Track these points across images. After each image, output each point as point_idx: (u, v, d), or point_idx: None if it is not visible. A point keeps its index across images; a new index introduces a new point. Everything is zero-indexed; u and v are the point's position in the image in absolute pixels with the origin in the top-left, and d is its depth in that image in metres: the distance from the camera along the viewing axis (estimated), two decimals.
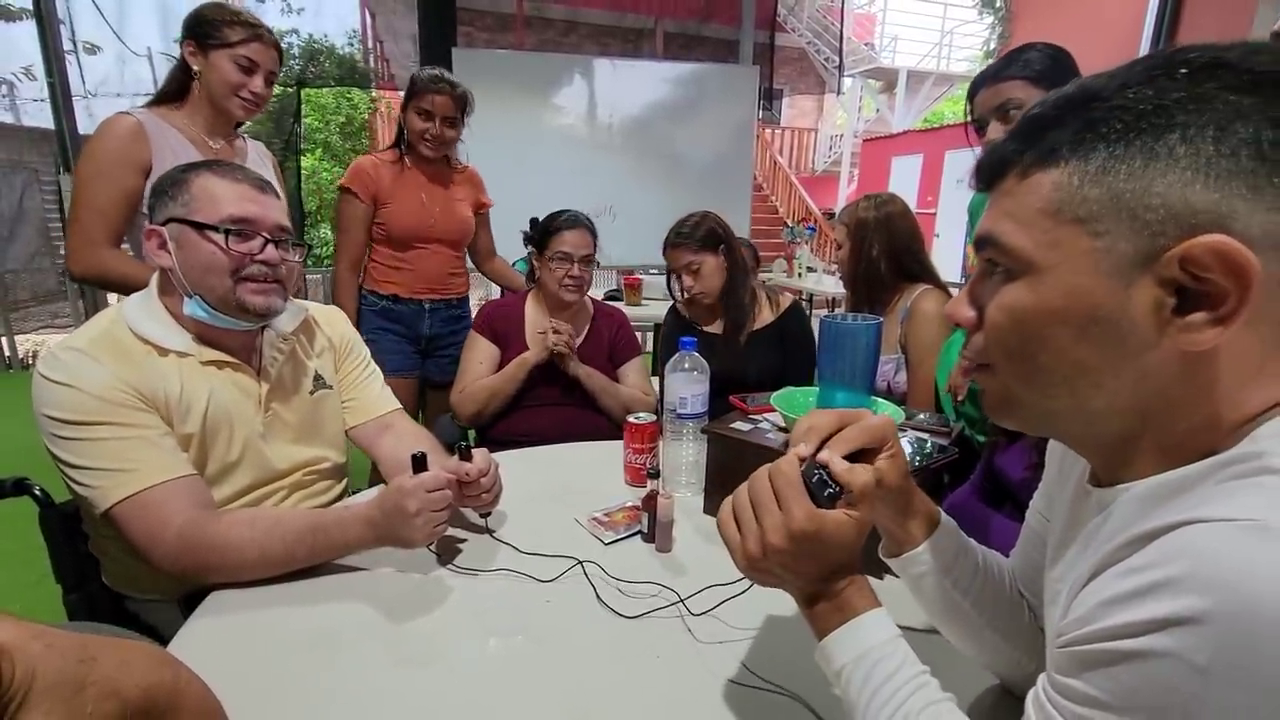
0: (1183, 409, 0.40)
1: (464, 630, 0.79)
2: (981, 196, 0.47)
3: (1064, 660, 0.38)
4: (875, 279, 1.57)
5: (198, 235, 0.90)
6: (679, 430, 1.15)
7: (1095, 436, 0.44)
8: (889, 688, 0.48)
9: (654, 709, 0.67)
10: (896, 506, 0.59)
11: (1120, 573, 0.36)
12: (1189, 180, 0.36)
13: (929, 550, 0.60)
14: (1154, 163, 0.36)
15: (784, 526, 0.49)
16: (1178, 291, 0.37)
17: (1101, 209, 0.38)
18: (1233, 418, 0.38)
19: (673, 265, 1.66)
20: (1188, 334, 0.37)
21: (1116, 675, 0.34)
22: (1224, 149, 0.35)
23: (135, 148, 1.32)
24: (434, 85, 1.78)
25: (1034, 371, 0.43)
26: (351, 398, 1.15)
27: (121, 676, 0.35)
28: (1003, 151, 0.44)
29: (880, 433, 0.55)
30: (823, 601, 0.52)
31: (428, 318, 1.95)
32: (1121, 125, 0.38)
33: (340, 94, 9.21)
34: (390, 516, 0.84)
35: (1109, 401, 0.41)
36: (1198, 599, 0.31)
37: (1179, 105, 0.36)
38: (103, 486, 0.83)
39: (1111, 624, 0.35)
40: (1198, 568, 0.32)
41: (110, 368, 0.86)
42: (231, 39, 1.37)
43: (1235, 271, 0.35)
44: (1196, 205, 0.36)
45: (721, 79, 4.41)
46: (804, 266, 4.43)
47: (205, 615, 0.81)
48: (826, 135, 11.98)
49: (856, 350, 0.97)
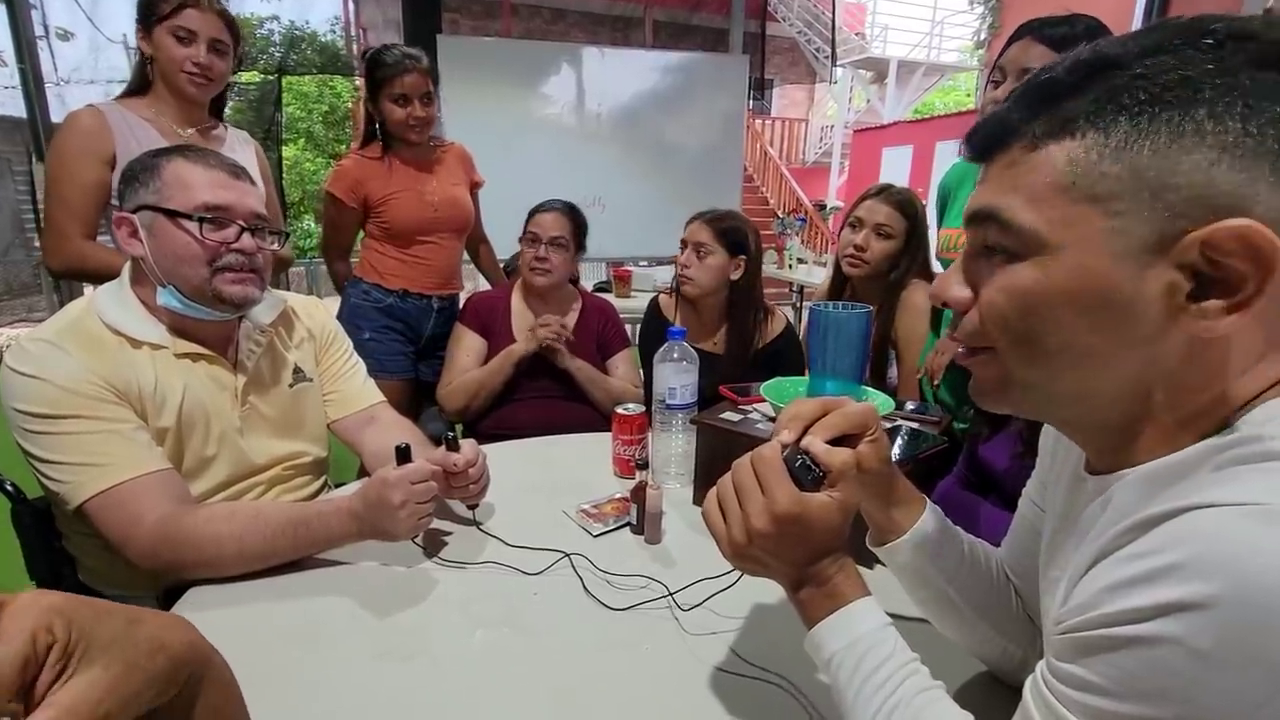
0: (1186, 394, 0.39)
1: (450, 624, 0.78)
2: (959, 172, 0.45)
3: (1064, 646, 0.37)
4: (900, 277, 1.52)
5: (170, 223, 0.87)
6: (668, 421, 1.14)
7: (1095, 421, 0.43)
8: (879, 675, 0.47)
9: (643, 700, 0.66)
10: (880, 493, 0.59)
11: (1123, 558, 0.35)
12: (1215, 160, 0.34)
13: (914, 538, 0.59)
14: (1180, 139, 0.34)
15: (767, 510, 0.49)
16: (1194, 276, 0.36)
17: (1121, 187, 0.36)
18: (1233, 402, 0.38)
19: (685, 237, 1.55)
20: (1200, 320, 0.36)
21: (1118, 661, 0.34)
22: (1251, 128, 0.33)
23: (97, 140, 1.29)
24: (402, 66, 1.64)
25: (1039, 355, 0.41)
26: (334, 390, 1.13)
27: (166, 635, 0.37)
28: (1006, 119, 0.41)
29: (862, 418, 0.55)
30: (810, 587, 0.51)
31: (434, 317, 1.86)
32: (1146, 96, 0.35)
33: (323, 82, 9.08)
34: (374, 509, 0.83)
35: (1114, 386, 0.40)
36: (1203, 584, 0.31)
37: (1207, 78, 0.34)
38: (74, 482, 0.81)
39: (1114, 610, 0.34)
40: (1202, 552, 0.32)
41: (80, 359, 0.83)
42: (165, 10, 1.32)
43: (1258, 258, 0.34)
44: (1221, 187, 0.34)
45: (711, 68, 4.37)
46: (794, 258, 4.41)
47: (184, 611, 0.79)
48: (817, 126, 11.96)
49: (846, 339, 0.96)
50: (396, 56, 1.67)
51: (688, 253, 1.54)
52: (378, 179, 1.74)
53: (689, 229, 1.56)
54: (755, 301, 1.58)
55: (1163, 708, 0.32)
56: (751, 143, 8.85)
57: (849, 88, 11.02)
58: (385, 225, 1.78)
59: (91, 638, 0.32)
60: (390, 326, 1.82)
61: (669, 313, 1.67)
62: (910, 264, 1.52)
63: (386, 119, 1.72)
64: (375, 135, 1.77)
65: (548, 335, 1.54)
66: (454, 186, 1.85)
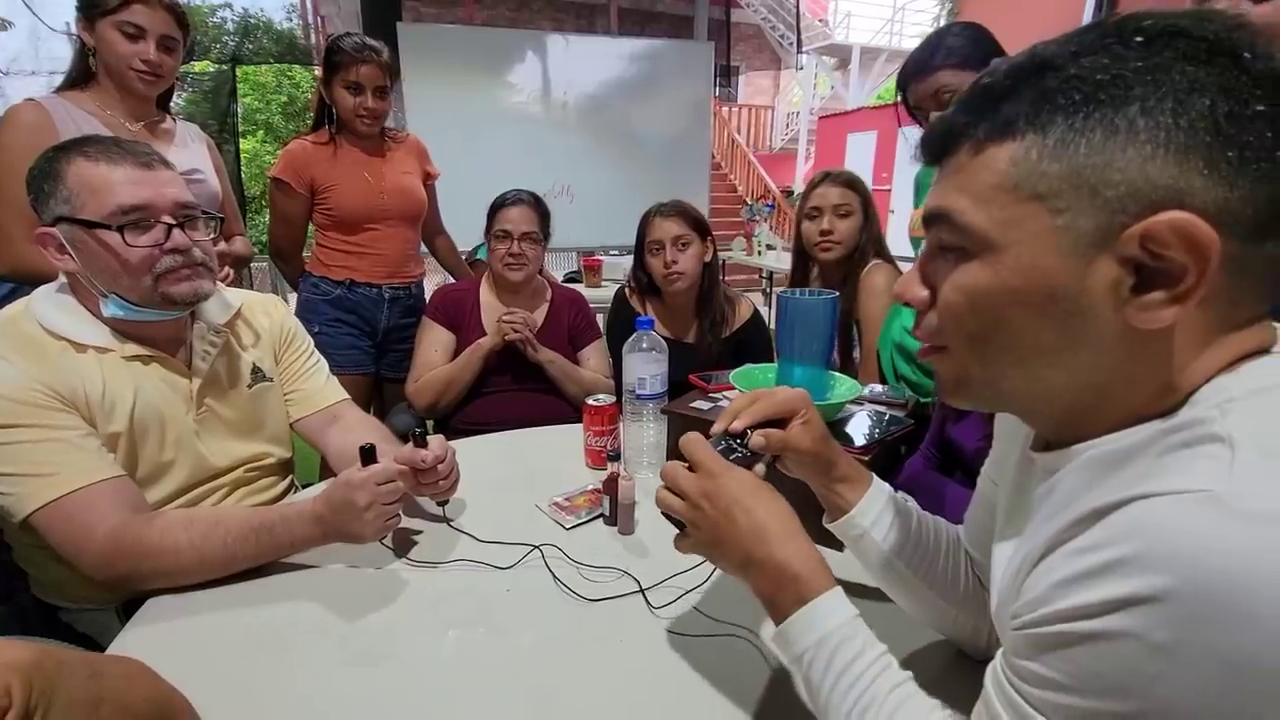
0: (1134, 383, 0.39)
1: (421, 625, 0.76)
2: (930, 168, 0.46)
3: (1020, 643, 0.38)
4: (864, 252, 1.57)
5: (90, 236, 0.82)
6: (639, 411, 1.13)
7: (1048, 410, 0.44)
8: (852, 673, 0.48)
9: (618, 692, 0.66)
10: (821, 471, 0.64)
11: (1071, 552, 0.36)
12: (1149, 155, 0.35)
13: (860, 514, 0.64)
14: (1114, 136, 0.35)
15: (696, 480, 0.56)
16: (1136, 270, 0.36)
17: (1062, 185, 0.37)
18: (1181, 388, 0.38)
19: (658, 236, 1.53)
20: (1145, 312, 0.37)
21: (1074, 657, 0.34)
22: (1182, 122, 0.34)
23: (40, 136, 1.22)
24: (359, 55, 1.62)
25: (991, 351, 0.43)
26: (295, 389, 1.10)
27: (128, 689, 0.36)
28: (952, 123, 0.42)
29: (789, 404, 0.63)
30: (768, 577, 0.53)
31: (386, 308, 1.82)
32: (1080, 96, 0.36)
33: (281, 72, 8.80)
34: (339, 512, 0.81)
35: (1064, 379, 0.41)
36: (1154, 576, 0.31)
37: (1137, 76, 0.35)
38: (18, 493, 0.77)
39: (1066, 606, 0.34)
40: (1151, 545, 0.32)
41: (21, 366, 0.79)
42: (111, 4, 1.25)
43: (1196, 249, 0.34)
44: (1156, 181, 0.35)
45: (677, 55, 4.34)
46: (763, 244, 4.44)
47: (143, 623, 0.76)
48: (783, 113, 12.01)
49: (813, 325, 0.96)
50: (356, 44, 1.64)
51: (669, 249, 1.53)
52: (324, 163, 1.71)
53: (658, 226, 1.55)
54: (720, 282, 1.61)
55: (1124, 702, 0.33)
56: (719, 130, 8.85)
57: (813, 74, 11.08)
58: (331, 212, 1.73)
59: (53, 697, 0.31)
60: (341, 319, 1.78)
61: (636, 304, 1.67)
62: (868, 240, 1.57)
63: (338, 105, 1.69)
64: (325, 121, 1.74)
65: (511, 331, 1.52)
66: (404, 175, 1.80)
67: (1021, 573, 0.41)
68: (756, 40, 11.83)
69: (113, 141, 0.87)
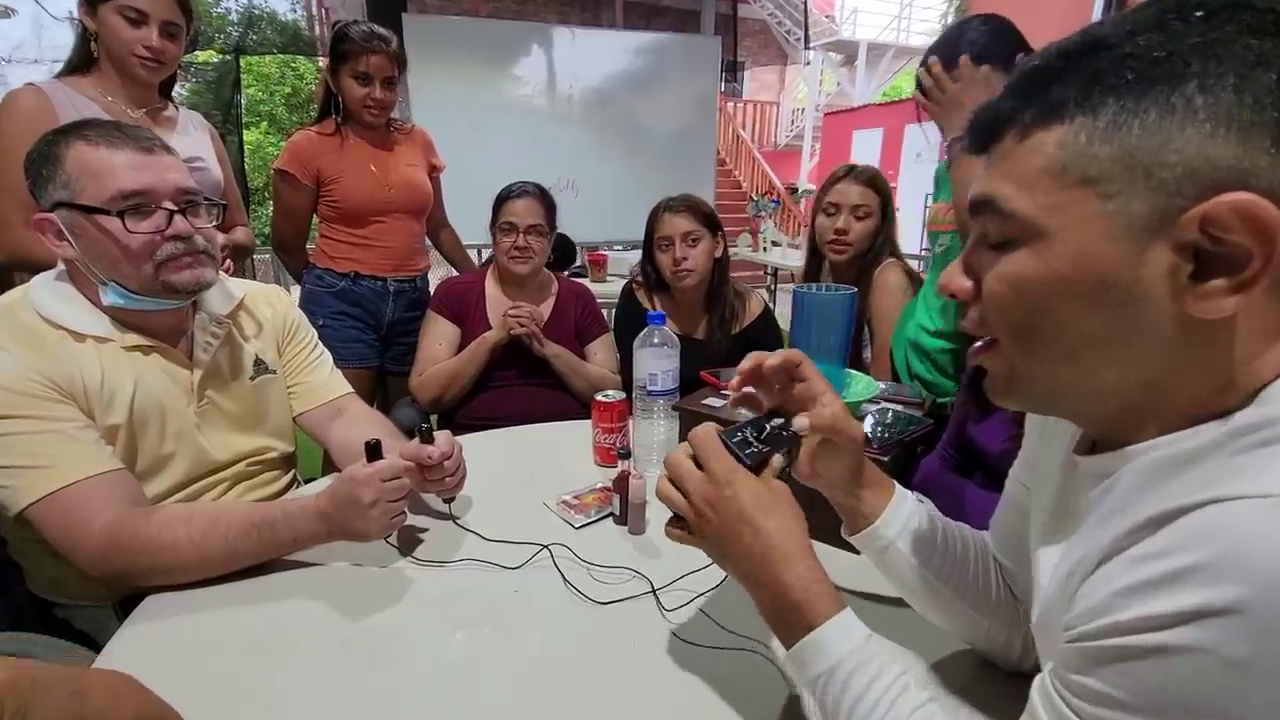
0: (1190, 379, 0.37)
1: (427, 625, 0.74)
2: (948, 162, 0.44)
3: (1074, 656, 0.35)
4: (878, 252, 1.55)
5: (90, 222, 0.79)
6: (649, 408, 1.11)
7: (1101, 410, 0.42)
8: (870, 697, 0.46)
9: (629, 698, 0.64)
10: (846, 476, 0.60)
11: (1135, 559, 0.33)
12: (1209, 134, 0.33)
13: (885, 524, 0.60)
14: (1170, 116, 0.33)
15: (702, 485, 0.53)
16: (1195, 256, 0.34)
17: (1113, 168, 0.35)
18: (1246, 384, 0.36)
19: (667, 232, 1.49)
20: (1205, 301, 0.34)
21: (1137, 672, 0.32)
22: (1246, 99, 0.32)
23: (40, 121, 1.19)
24: (368, 45, 1.59)
25: (1038, 345, 0.40)
26: (298, 382, 1.08)
27: (113, 708, 0.34)
28: (998, 109, 0.41)
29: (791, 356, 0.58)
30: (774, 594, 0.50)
31: (391, 301, 1.80)
32: (1133, 75, 0.34)
33: (285, 63, 8.77)
34: (343, 509, 0.79)
35: (1116, 375, 0.39)
36: (1230, 586, 0.29)
37: (1195, 52, 0.33)
38: (13, 486, 0.75)
39: (1128, 617, 0.32)
40: (1228, 552, 0.30)
41: (18, 355, 0.77)
42: None
43: (1261, 232, 0.32)
44: (1217, 161, 0.33)
45: (683, 50, 4.32)
46: (768, 240, 4.41)
47: (141, 620, 0.74)
48: (788, 109, 11.95)
49: (830, 321, 0.94)
50: (365, 33, 1.61)
51: (679, 246, 1.49)
52: (330, 155, 1.68)
53: (668, 222, 1.51)
54: (730, 278, 1.58)
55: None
56: (724, 125, 8.81)
57: (819, 70, 11.02)
58: (337, 204, 1.71)
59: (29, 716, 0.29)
60: (345, 312, 1.75)
61: (644, 300, 1.64)
62: (884, 241, 1.55)
63: (345, 96, 1.66)
64: (331, 111, 1.71)
65: (517, 324, 1.50)
66: (410, 167, 1.78)
67: (1073, 581, 0.38)
68: (762, 35, 11.76)
69: (113, 125, 0.84)
